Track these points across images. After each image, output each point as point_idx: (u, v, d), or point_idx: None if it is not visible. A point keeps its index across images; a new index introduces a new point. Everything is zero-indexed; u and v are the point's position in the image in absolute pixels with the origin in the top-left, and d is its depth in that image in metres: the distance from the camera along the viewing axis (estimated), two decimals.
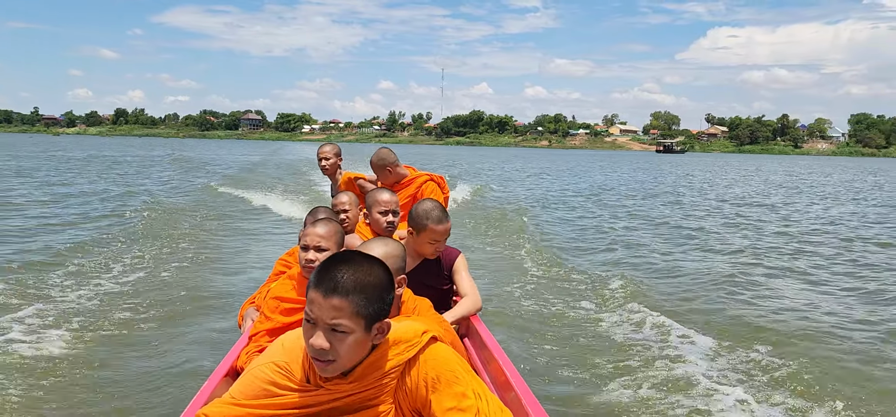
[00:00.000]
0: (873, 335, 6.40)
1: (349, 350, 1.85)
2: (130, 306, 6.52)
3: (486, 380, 2.96)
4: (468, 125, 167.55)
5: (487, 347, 3.14)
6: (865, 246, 12.21)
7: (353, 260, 1.87)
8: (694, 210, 18.80)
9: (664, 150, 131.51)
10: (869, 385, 5.04)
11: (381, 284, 1.87)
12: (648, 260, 10.18)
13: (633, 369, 5.14)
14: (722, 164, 67.74)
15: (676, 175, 41.27)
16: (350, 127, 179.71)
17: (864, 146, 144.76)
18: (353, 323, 1.82)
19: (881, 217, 18.00)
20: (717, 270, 9.26)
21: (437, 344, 2.03)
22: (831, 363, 5.49)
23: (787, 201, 22.80)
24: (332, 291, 1.80)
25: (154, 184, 22.23)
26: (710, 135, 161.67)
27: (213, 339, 5.64)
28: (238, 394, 1.99)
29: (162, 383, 4.67)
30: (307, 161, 39.12)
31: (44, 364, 4.85)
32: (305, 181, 24.77)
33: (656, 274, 9.16)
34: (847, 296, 8.09)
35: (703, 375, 4.96)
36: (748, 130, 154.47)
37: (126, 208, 14.61)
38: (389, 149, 5.24)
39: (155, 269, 8.27)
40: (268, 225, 13.29)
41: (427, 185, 5.16)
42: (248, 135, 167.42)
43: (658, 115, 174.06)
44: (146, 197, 17.58)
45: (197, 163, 37.88)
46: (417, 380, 1.96)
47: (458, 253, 3.84)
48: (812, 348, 5.84)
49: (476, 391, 1.95)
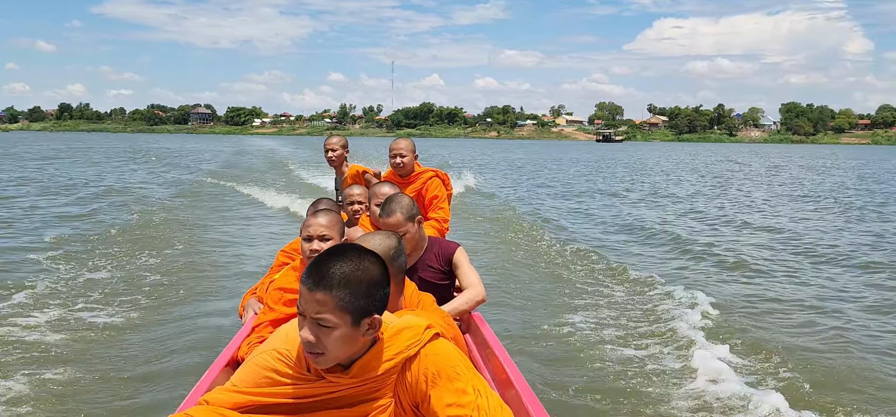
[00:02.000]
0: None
1: (335, 344, 1.84)
2: (130, 298, 6.68)
3: (486, 377, 2.94)
4: (419, 117, 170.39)
5: (488, 344, 3.13)
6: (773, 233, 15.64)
7: (345, 254, 1.86)
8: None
9: (603, 140, 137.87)
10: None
11: (371, 279, 1.85)
12: (649, 255, 10.52)
13: (635, 367, 5.13)
14: (648, 151, 72.18)
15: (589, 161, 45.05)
16: (301, 120, 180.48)
17: (793, 133, 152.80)
18: (337, 317, 1.81)
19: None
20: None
21: (439, 339, 2.02)
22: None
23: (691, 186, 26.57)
24: (317, 285, 1.81)
25: (145, 177, 22.91)
26: (651, 124, 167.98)
27: (214, 329, 5.70)
28: (239, 382, 1.99)
29: (163, 373, 4.77)
30: (274, 153, 40.01)
31: (44, 355, 4.93)
32: (295, 175, 25.40)
33: (663, 268, 9.27)
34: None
35: (707, 369, 4.99)
36: (687, 120, 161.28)
37: (119, 201, 15.06)
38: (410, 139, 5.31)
39: (152, 261, 8.47)
40: (262, 215, 13.81)
41: (432, 181, 5.11)
42: (198, 129, 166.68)
43: (603, 106, 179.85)
44: (139, 190, 18.08)
45: (176, 156, 38.58)
46: (417, 375, 1.96)
47: (457, 245, 3.78)
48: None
49: (476, 387, 1.94)
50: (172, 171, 27.25)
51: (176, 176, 24.89)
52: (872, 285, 8.55)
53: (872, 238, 12.48)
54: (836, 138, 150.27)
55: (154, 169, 28.60)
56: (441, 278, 3.67)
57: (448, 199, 5.20)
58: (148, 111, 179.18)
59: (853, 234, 13.00)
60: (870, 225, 14.31)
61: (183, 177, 23.81)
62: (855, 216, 15.91)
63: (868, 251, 10.98)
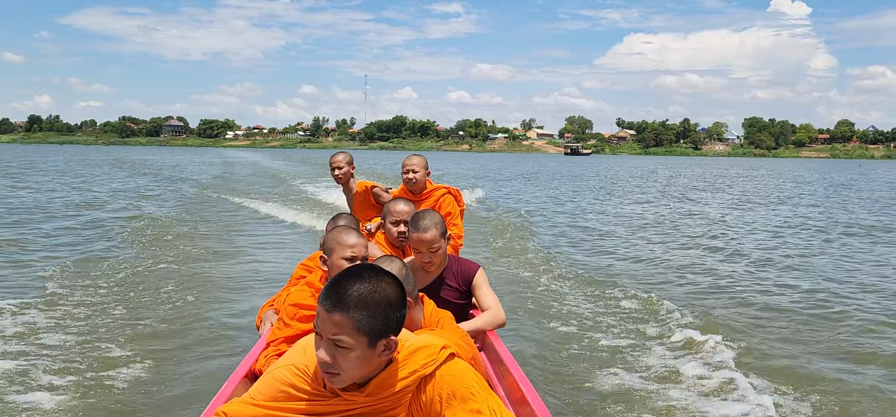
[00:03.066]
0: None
1: (352, 365, 1.86)
2: (147, 310, 6.66)
3: (501, 394, 2.93)
4: (392, 130, 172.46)
5: (503, 361, 3.12)
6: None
7: (363, 275, 1.88)
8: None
9: (571, 153, 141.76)
10: None
11: (388, 301, 1.87)
12: (655, 270, 10.09)
13: (653, 385, 5.01)
14: (611, 164, 74.59)
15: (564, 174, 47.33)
16: (274, 132, 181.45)
17: (755, 147, 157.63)
18: (353, 339, 1.83)
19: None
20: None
21: (455, 359, 2.04)
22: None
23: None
24: (335, 306, 1.82)
25: (150, 190, 22.93)
26: (619, 138, 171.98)
27: (232, 342, 5.72)
28: (257, 394, 2.02)
29: (181, 385, 4.75)
30: (258, 165, 40.31)
31: (59, 366, 4.91)
32: (302, 189, 25.34)
33: (672, 286, 8.99)
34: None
35: (733, 385, 4.94)
36: (654, 134, 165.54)
37: (129, 215, 15.06)
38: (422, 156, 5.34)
39: (167, 273, 8.46)
40: (275, 229, 13.94)
41: (445, 198, 5.15)
42: (171, 141, 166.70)
43: (572, 120, 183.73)
44: (144, 202, 18.23)
45: (170, 169, 38.79)
46: (432, 395, 1.97)
47: (477, 267, 3.76)
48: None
49: (491, 407, 1.95)
50: (175, 184, 27.07)
51: (180, 188, 24.72)
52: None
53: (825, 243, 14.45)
54: (796, 152, 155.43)
55: (158, 182, 28.41)
56: (459, 297, 3.67)
57: (460, 215, 5.25)
58: (120, 123, 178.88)
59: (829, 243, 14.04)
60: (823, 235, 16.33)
61: (189, 190, 23.76)
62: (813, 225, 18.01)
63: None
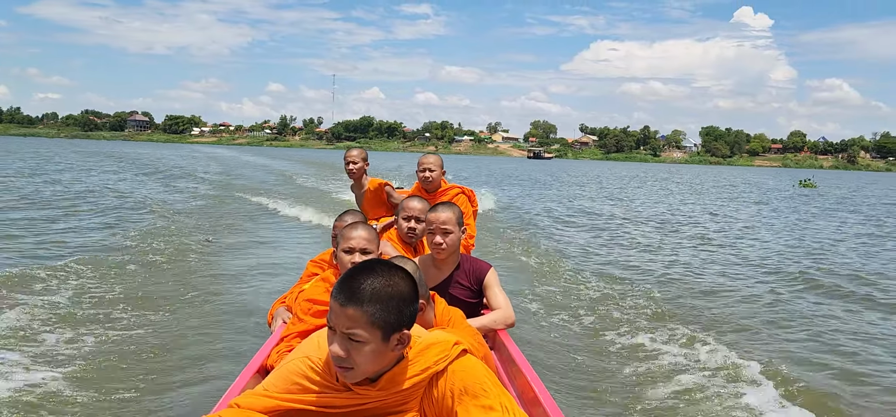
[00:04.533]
0: None
1: (366, 359, 1.87)
2: (159, 306, 6.66)
3: (512, 394, 2.86)
4: (359, 130, 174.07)
5: (515, 361, 3.12)
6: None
7: (376, 270, 1.89)
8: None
9: (534, 157, 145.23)
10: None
11: (401, 295, 1.88)
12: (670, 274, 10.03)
13: (663, 385, 5.02)
14: (567, 167, 77.73)
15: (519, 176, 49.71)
16: (241, 130, 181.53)
17: (711, 155, 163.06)
18: (368, 333, 1.84)
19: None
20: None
21: (467, 356, 2.04)
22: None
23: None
24: (349, 300, 1.83)
25: (156, 187, 22.80)
26: (582, 143, 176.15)
27: (244, 338, 5.75)
28: (270, 386, 2.03)
29: (194, 380, 4.79)
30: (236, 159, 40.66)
31: (75, 362, 4.95)
32: (309, 187, 25.64)
33: (680, 288, 8.98)
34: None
35: (746, 384, 4.95)
36: (615, 140, 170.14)
37: (136, 211, 15.03)
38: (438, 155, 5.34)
39: (179, 271, 8.46)
40: (286, 226, 13.99)
41: (459, 198, 5.19)
42: (136, 136, 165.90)
43: (537, 124, 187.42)
44: (154, 198, 18.18)
45: (162, 163, 39.07)
46: (444, 391, 1.98)
47: (489, 266, 3.78)
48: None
49: (503, 404, 1.94)
50: (179, 181, 26.92)
51: (186, 185, 24.63)
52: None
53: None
54: (750, 161, 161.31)
55: (161, 178, 28.20)
56: (470, 296, 3.70)
57: (473, 216, 5.32)
58: (82, 117, 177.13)
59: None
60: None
61: (194, 187, 23.76)
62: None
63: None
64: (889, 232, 18.18)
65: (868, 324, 7.39)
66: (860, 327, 7.23)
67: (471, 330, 2.99)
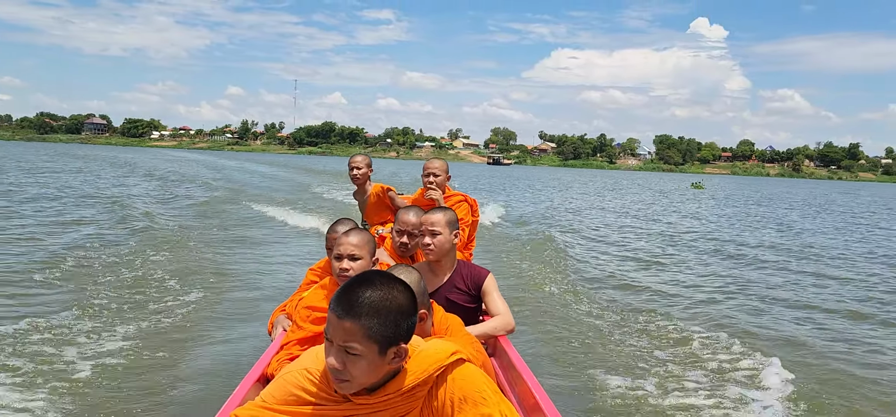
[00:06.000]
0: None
1: (362, 371, 1.87)
2: (158, 315, 6.61)
3: (513, 401, 2.93)
4: (321, 135, 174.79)
5: (515, 367, 3.12)
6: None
7: (375, 282, 1.89)
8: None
9: (493, 163, 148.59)
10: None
11: (400, 308, 1.88)
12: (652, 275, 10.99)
13: (666, 392, 5.08)
14: (524, 173, 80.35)
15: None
16: (201, 134, 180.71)
17: (665, 163, 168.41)
18: (364, 346, 1.84)
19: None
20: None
21: (466, 364, 2.05)
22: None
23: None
24: (347, 313, 1.83)
25: (150, 193, 22.66)
26: (541, 150, 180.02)
27: (244, 346, 5.71)
28: (269, 397, 2.04)
29: (195, 389, 4.81)
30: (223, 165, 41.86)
31: (72, 372, 4.90)
32: (313, 193, 26.28)
33: (669, 288, 9.71)
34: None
35: (748, 390, 5.17)
36: (572, 147, 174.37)
37: (133, 218, 14.79)
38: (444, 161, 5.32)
39: (178, 278, 8.41)
40: (286, 233, 14.14)
41: (460, 205, 5.17)
42: (93, 139, 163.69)
43: (497, 131, 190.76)
44: (146, 205, 17.93)
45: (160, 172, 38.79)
46: (444, 399, 1.99)
47: (487, 272, 3.76)
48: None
49: (503, 412, 1.96)
50: (174, 187, 26.77)
51: (183, 191, 24.50)
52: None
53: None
54: (700, 168, 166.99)
55: (156, 184, 27.82)
56: (468, 301, 3.69)
57: (473, 226, 5.30)
58: (37, 119, 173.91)
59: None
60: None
61: (193, 193, 23.83)
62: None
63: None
64: (737, 210, 28.59)
65: (695, 265, 10.82)
66: (688, 269, 10.18)
67: (469, 337, 2.99)
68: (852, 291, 10.58)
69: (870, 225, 25.58)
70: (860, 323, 8.38)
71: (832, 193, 65.08)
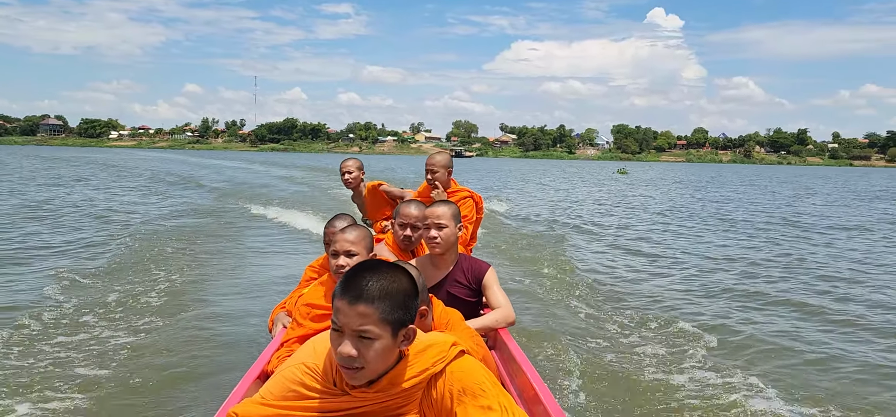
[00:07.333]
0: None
1: (376, 356, 1.90)
2: (158, 314, 6.63)
3: (513, 393, 2.92)
4: (283, 132, 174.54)
5: (515, 360, 3.13)
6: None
7: (378, 268, 1.94)
8: None
9: (455, 156, 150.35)
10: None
11: (406, 291, 1.93)
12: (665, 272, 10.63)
13: (666, 385, 5.07)
14: (485, 165, 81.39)
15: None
16: (161, 133, 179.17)
17: (622, 152, 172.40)
18: (379, 328, 1.87)
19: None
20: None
21: (466, 356, 2.07)
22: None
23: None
24: (358, 298, 1.86)
25: (146, 196, 22.42)
26: (502, 142, 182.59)
27: (244, 343, 5.75)
28: (267, 394, 2.05)
29: (195, 387, 4.81)
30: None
31: (72, 371, 4.93)
32: (313, 190, 26.45)
33: (685, 285, 9.43)
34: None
35: (744, 386, 5.05)
36: (533, 138, 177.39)
37: (127, 218, 14.92)
38: (448, 154, 5.29)
39: (176, 279, 8.39)
40: (285, 231, 13.95)
41: (465, 201, 5.16)
42: (49, 140, 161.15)
43: (459, 124, 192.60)
44: (149, 206, 18.12)
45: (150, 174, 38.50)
46: (443, 392, 2.00)
47: (488, 266, 3.79)
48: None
49: (502, 404, 1.97)
50: (168, 187, 26.90)
51: (181, 192, 24.57)
52: None
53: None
54: (657, 156, 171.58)
55: (154, 186, 27.59)
56: (469, 295, 3.72)
57: (477, 223, 5.29)
58: None
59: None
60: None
61: (191, 194, 23.93)
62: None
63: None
64: (650, 191, 33.89)
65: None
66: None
67: (469, 331, 3.01)
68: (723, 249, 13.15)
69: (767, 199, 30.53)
70: (734, 272, 10.55)
71: (759, 178, 66.92)
